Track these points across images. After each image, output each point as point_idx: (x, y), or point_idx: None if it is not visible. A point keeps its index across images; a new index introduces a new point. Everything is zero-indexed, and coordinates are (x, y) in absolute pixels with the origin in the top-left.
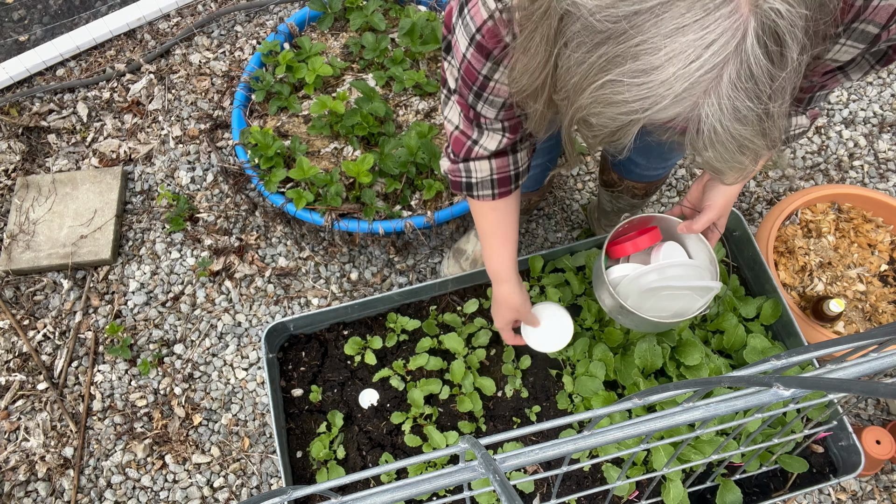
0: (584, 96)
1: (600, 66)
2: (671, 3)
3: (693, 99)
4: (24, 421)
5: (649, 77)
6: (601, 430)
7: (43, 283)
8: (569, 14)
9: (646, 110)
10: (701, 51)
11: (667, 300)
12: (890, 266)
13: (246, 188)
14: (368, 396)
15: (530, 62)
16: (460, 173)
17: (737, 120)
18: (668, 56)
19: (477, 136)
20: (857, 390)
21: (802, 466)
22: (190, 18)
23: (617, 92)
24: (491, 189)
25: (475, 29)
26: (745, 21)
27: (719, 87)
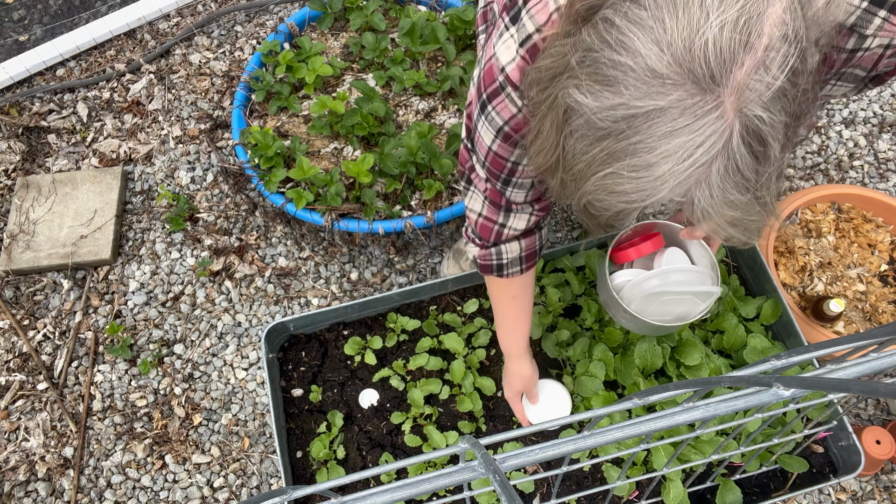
0: (589, 184)
1: (602, 159)
2: (664, 109)
3: (686, 188)
4: (24, 421)
5: (646, 172)
6: (601, 430)
7: (43, 283)
8: (572, 109)
9: (644, 199)
10: (692, 150)
11: (669, 304)
12: (890, 266)
13: (246, 188)
14: (368, 396)
15: (543, 143)
16: (491, 257)
17: (727, 205)
18: (662, 155)
19: (504, 220)
20: (857, 390)
21: (802, 466)
22: (190, 18)
23: (617, 183)
24: (520, 265)
25: (502, 122)
26: (731, 124)
27: (710, 178)
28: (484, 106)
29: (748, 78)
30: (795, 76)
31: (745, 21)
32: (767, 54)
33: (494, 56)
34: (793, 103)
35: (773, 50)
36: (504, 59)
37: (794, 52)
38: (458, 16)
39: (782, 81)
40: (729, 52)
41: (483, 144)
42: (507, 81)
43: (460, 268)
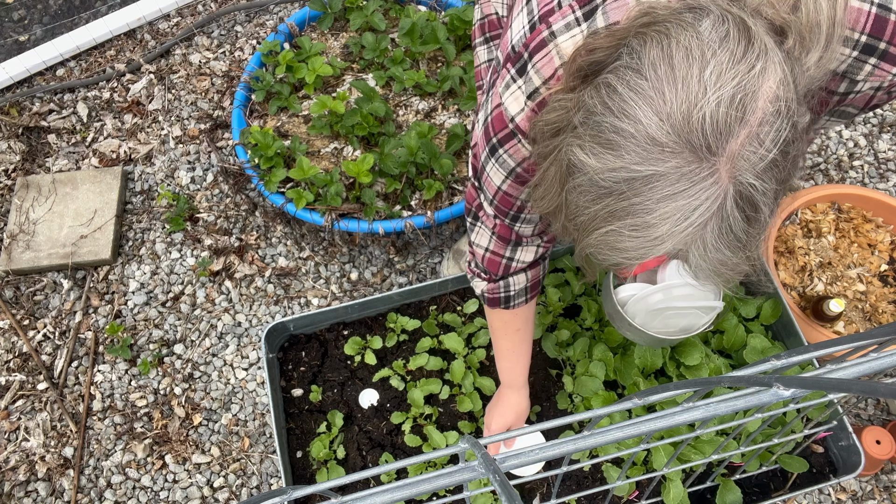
0: (592, 238)
1: (603, 217)
2: (663, 174)
3: (683, 246)
4: (24, 421)
5: (645, 232)
6: (601, 430)
7: (43, 283)
8: (575, 166)
9: (642, 256)
10: (689, 213)
11: (673, 318)
12: (890, 266)
13: (246, 188)
14: (368, 396)
15: (547, 190)
16: (499, 290)
17: (718, 262)
18: (661, 217)
19: (512, 254)
20: (857, 390)
21: (802, 466)
22: (190, 18)
23: (618, 240)
24: (525, 295)
25: (515, 164)
26: (725, 188)
27: (704, 237)
28: (495, 149)
29: (742, 149)
30: (787, 147)
31: (740, 98)
32: (761, 128)
33: (503, 105)
34: (783, 171)
35: (766, 124)
36: (513, 110)
37: (786, 127)
38: (458, 16)
39: (775, 154)
40: (725, 125)
41: (492, 185)
42: (517, 130)
43: (460, 268)
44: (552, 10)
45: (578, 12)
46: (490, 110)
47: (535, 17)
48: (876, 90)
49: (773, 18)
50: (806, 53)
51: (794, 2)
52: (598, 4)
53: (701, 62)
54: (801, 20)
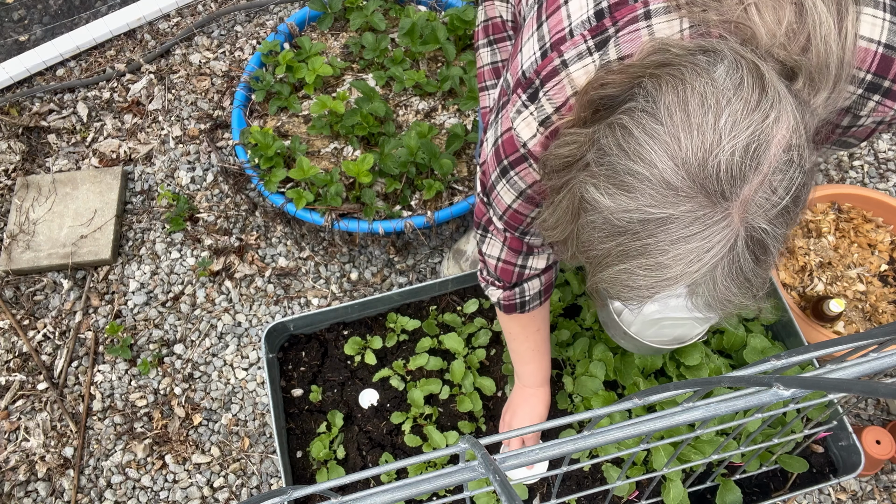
0: (604, 273)
1: (617, 254)
2: (676, 217)
3: (694, 285)
4: (24, 421)
5: (658, 272)
6: (601, 430)
7: (43, 283)
8: (589, 203)
9: (654, 295)
10: (702, 254)
11: (668, 328)
12: (890, 266)
13: (246, 188)
14: (368, 396)
15: (558, 220)
16: (515, 297)
17: (725, 299)
18: (674, 258)
19: (524, 262)
20: (857, 390)
21: (802, 466)
22: (190, 18)
23: (632, 279)
24: (540, 298)
25: (525, 186)
26: (737, 230)
27: (714, 276)
28: (506, 171)
29: (755, 195)
30: (798, 194)
31: (754, 147)
32: (774, 176)
33: (514, 130)
34: (793, 216)
35: (779, 172)
36: (525, 136)
37: (798, 175)
38: (458, 16)
39: (787, 202)
40: (739, 173)
41: (502, 203)
42: (529, 154)
43: (460, 268)
44: (563, 38)
45: (591, 42)
46: (500, 133)
47: (547, 44)
48: (878, 124)
49: (784, 60)
50: (815, 94)
51: (804, 43)
52: (611, 36)
53: (716, 110)
54: (811, 61)
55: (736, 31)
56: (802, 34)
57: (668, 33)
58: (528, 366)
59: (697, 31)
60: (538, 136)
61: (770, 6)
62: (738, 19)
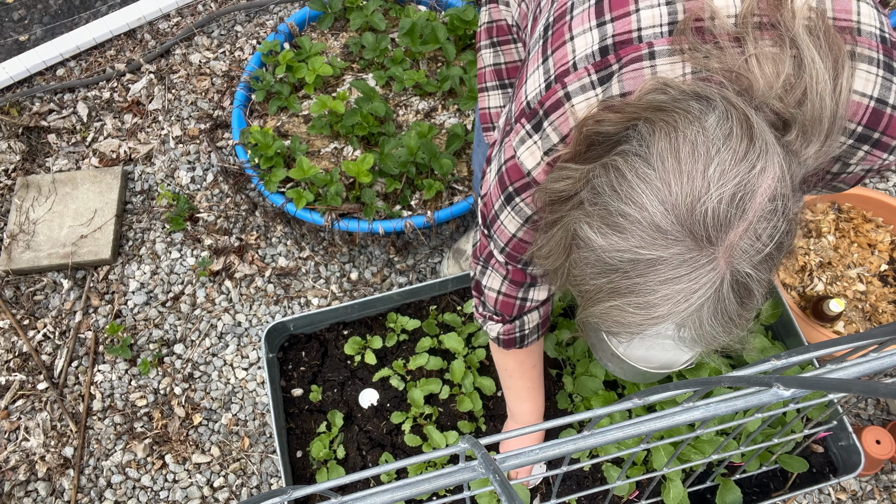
0: (595, 309)
1: (608, 291)
2: (664, 259)
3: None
4: (24, 421)
5: (647, 310)
6: (601, 430)
7: (43, 282)
8: (581, 241)
9: (642, 330)
10: (689, 295)
11: (656, 350)
12: (890, 266)
13: (246, 188)
14: (368, 396)
15: (553, 250)
16: (515, 331)
17: (710, 336)
18: (662, 298)
19: (525, 294)
20: (857, 390)
21: (802, 466)
22: (190, 18)
23: (621, 315)
24: (538, 332)
25: (532, 212)
26: (723, 274)
27: (700, 316)
28: (511, 198)
29: (740, 241)
30: (782, 240)
31: (740, 196)
32: (759, 224)
33: (518, 158)
34: (776, 261)
35: (763, 220)
36: (529, 164)
37: (781, 224)
38: (458, 16)
39: (770, 248)
40: (725, 219)
41: (505, 233)
42: (534, 182)
43: (460, 268)
44: (567, 70)
45: (594, 76)
46: (504, 160)
47: (552, 76)
48: (867, 171)
49: (780, 111)
50: (807, 145)
51: (800, 96)
52: (614, 72)
53: (706, 159)
54: (805, 114)
55: (736, 81)
56: (799, 88)
57: (671, 76)
58: (524, 404)
59: (699, 77)
60: (542, 164)
61: (770, 59)
62: (738, 69)
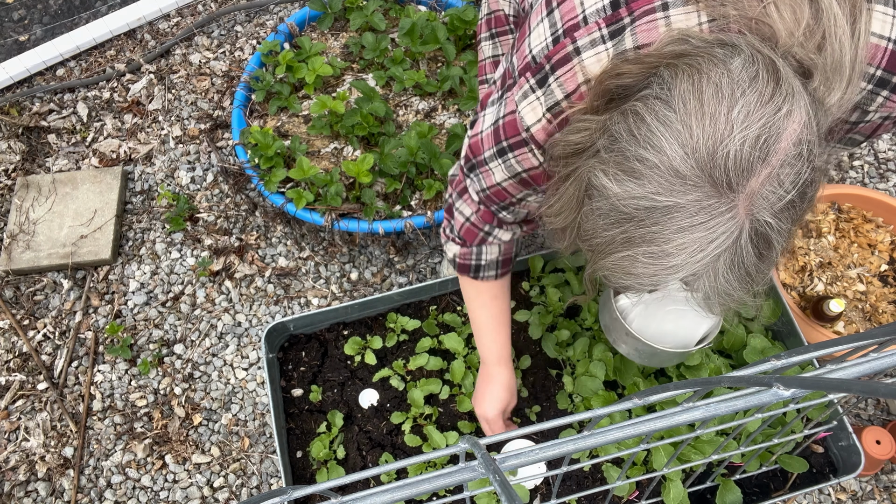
0: (606, 261)
1: (621, 241)
2: (683, 206)
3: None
4: (24, 421)
5: (661, 260)
6: (601, 430)
7: (43, 283)
8: (596, 189)
9: (655, 284)
10: (705, 245)
11: (670, 323)
12: (890, 266)
13: (246, 188)
14: (368, 396)
15: (562, 208)
16: (471, 257)
17: (724, 292)
18: (678, 247)
19: (490, 230)
20: (857, 390)
21: (802, 466)
22: (190, 18)
23: (633, 266)
24: (495, 270)
25: (522, 170)
26: (742, 224)
27: (716, 268)
28: (504, 152)
29: (762, 188)
30: (805, 189)
31: (764, 139)
32: (782, 170)
33: (518, 113)
34: (799, 211)
35: (787, 166)
36: (529, 120)
37: (806, 170)
38: (458, 16)
39: (793, 195)
40: (747, 163)
41: (491, 178)
42: (531, 139)
43: None
44: (577, 25)
45: (605, 30)
46: (503, 114)
47: (560, 30)
48: (884, 119)
49: (802, 59)
50: (829, 93)
51: (819, 41)
52: (626, 25)
53: (730, 100)
54: (826, 61)
55: (755, 29)
56: (818, 33)
57: (686, 25)
58: (484, 338)
59: (717, 25)
60: (543, 121)
61: (788, 5)
62: (757, 16)
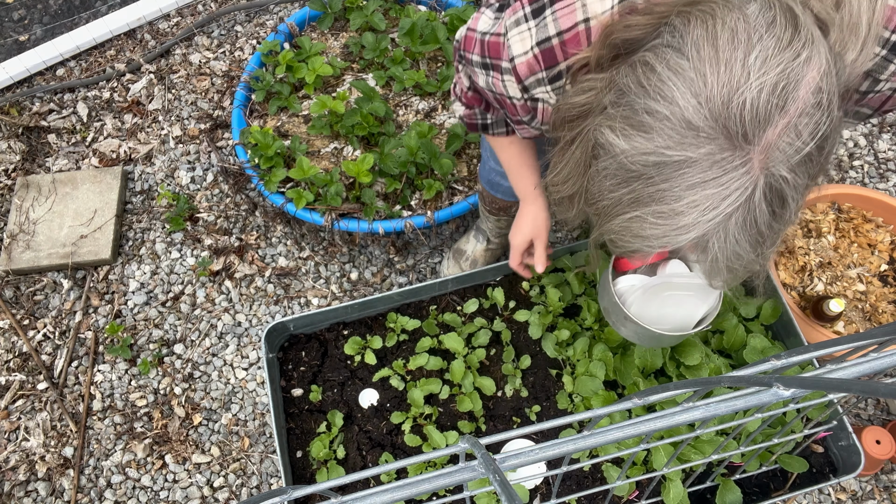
0: (613, 223)
1: (628, 202)
2: (694, 161)
3: (704, 236)
4: (24, 421)
5: (671, 220)
6: (601, 430)
7: (43, 282)
8: (602, 148)
9: (664, 243)
10: (718, 202)
11: (669, 307)
12: (890, 266)
13: (246, 188)
14: (368, 396)
15: (568, 174)
16: (476, 118)
17: (734, 254)
18: (689, 205)
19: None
20: (857, 390)
21: (802, 466)
22: (190, 18)
23: (642, 227)
24: (505, 128)
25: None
26: (756, 179)
27: (727, 227)
28: (486, 67)
29: (779, 139)
30: (823, 142)
31: (783, 86)
32: (800, 119)
33: (507, 38)
34: (816, 166)
35: (805, 115)
36: (516, 50)
37: (825, 120)
38: (458, 16)
39: (811, 147)
40: (765, 113)
41: (476, 79)
42: (512, 71)
43: (460, 268)
44: None
45: None
46: (492, 31)
47: None
48: (893, 91)
49: (818, 13)
50: (843, 53)
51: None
52: None
53: (746, 46)
54: (843, 18)
55: None
56: None
57: None
58: (510, 175)
59: None
60: (529, 55)
61: None
62: None
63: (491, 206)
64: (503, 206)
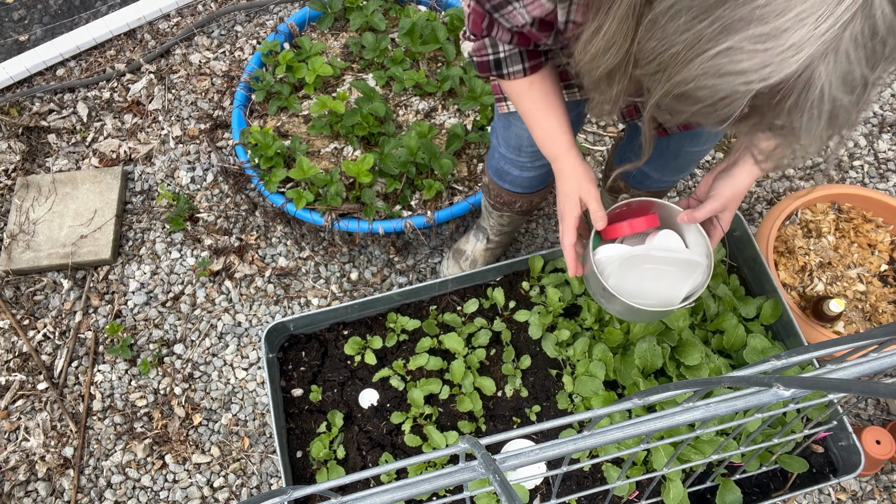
0: (691, 69)
1: (712, 35)
2: None
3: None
4: (24, 421)
5: (777, 41)
6: (601, 430)
7: (43, 282)
8: None
9: (766, 76)
10: (833, 7)
11: (650, 280)
12: (890, 266)
13: (246, 188)
14: (368, 396)
15: (615, 34)
16: (486, 51)
17: (843, 85)
18: (798, 17)
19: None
20: (857, 390)
21: (802, 466)
22: (190, 18)
23: (736, 61)
24: (522, 63)
25: None
26: None
27: (839, 46)
28: None
29: None
30: None
31: None
32: None
33: None
34: None
35: None
36: None
37: None
38: (458, 16)
39: None
40: None
41: None
42: None
43: (460, 268)
44: None
45: None
46: None
47: None
48: None
49: None
50: None
51: None
52: None
53: None
54: None
55: None
56: None
57: None
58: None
59: None
60: None
61: None
62: None
63: (496, 201)
64: (508, 201)
